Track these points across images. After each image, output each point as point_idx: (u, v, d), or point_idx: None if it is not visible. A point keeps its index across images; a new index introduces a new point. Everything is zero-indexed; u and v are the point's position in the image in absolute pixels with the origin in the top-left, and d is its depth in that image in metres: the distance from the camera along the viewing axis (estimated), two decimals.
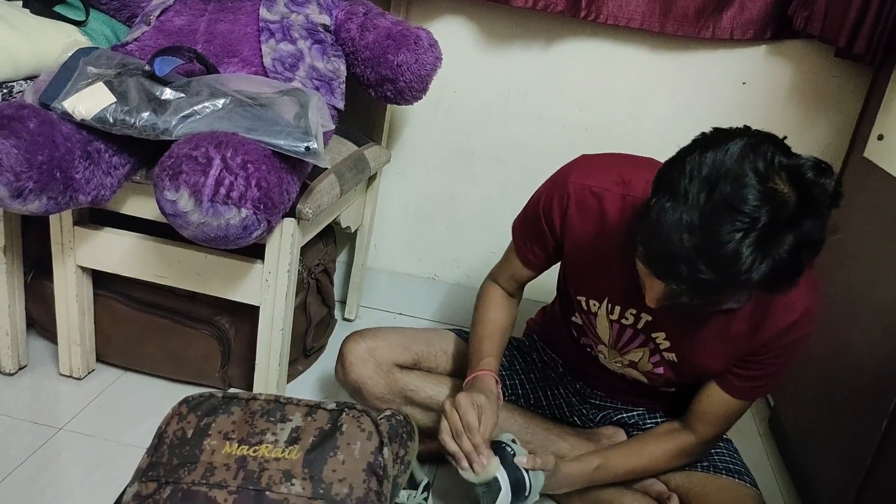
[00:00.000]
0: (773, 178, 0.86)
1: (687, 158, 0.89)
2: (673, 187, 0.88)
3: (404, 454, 1.00)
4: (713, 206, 0.85)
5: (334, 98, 1.45)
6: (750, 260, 0.84)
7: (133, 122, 1.18)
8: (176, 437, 0.93)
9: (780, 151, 0.88)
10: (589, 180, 1.18)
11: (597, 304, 1.24)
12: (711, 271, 0.86)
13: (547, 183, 1.25)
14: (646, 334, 1.22)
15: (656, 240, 0.89)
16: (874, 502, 1.18)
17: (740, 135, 0.90)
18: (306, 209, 1.31)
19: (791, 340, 1.13)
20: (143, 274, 1.41)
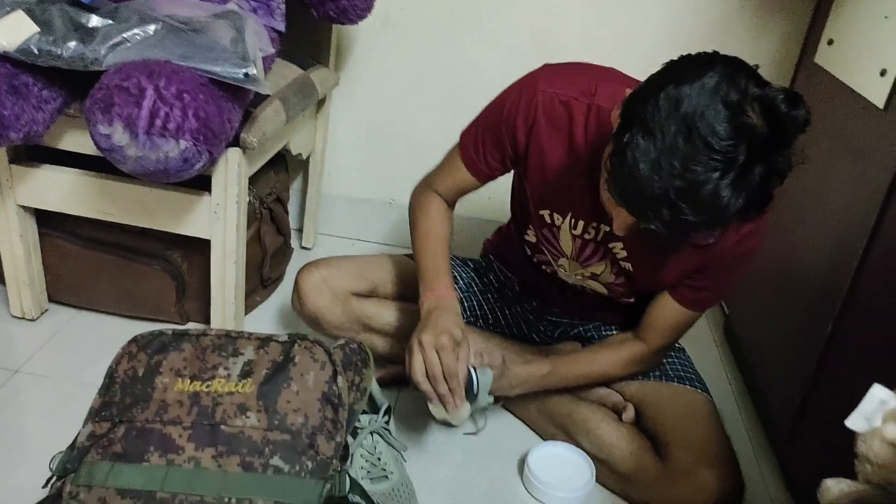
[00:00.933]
0: (747, 111, 0.85)
1: (660, 93, 0.87)
2: (647, 125, 0.86)
3: (360, 381, 1.00)
4: (690, 146, 0.84)
5: (274, 20, 1.39)
6: (728, 198, 0.85)
7: (60, 53, 1.13)
8: (127, 376, 0.92)
9: (752, 83, 0.87)
10: (557, 89, 1.14)
11: (560, 218, 1.23)
12: (692, 213, 0.86)
13: (511, 91, 1.20)
14: (604, 245, 1.22)
15: (633, 182, 0.88)
16: (819, 403, 1.23)
17: (711, 65, 0.87)
18: (251, 138, 1.27)
19: (742, 252, 1.14)
20: (87, 211, 1.37)
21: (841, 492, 0.64)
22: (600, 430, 1.27)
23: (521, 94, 1.17)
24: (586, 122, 1.13)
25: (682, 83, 0.86)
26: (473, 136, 1.26)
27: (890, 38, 1.16)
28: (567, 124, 1.14)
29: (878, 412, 0.64)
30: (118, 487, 0.83)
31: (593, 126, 1.12)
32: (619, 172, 0.90)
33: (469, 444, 1.34)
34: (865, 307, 1.14)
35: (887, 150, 1.11)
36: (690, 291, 1.21)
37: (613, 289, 1.30)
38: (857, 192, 1.21)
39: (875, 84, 1.18)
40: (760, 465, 1.39)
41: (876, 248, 1.12)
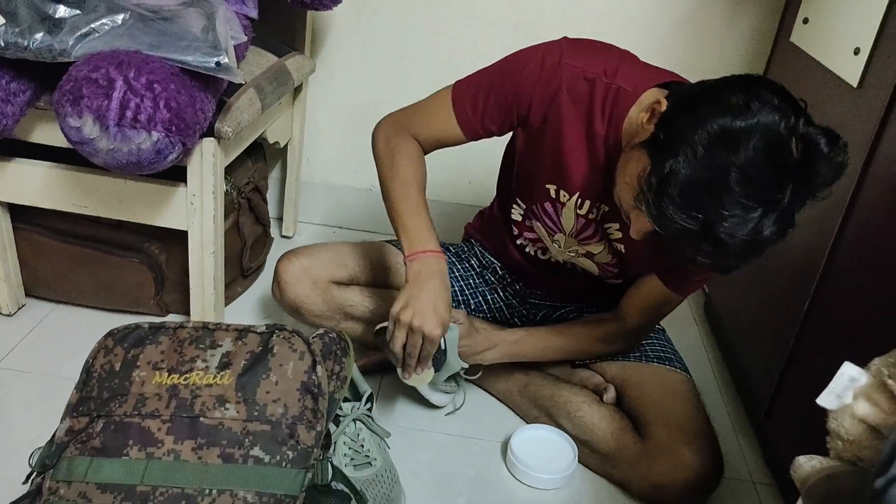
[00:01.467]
0: (793, 152, 0.86)
1: (708, 118, 0.88)
2: (690, 158, 0.87)
3: (340, 370, 1.00)
4: (735, 189, 0.86)
5: (246, 6, 1.38)
6: (766, 237, 0.88)
7: (27, 45, 1.11)
8: (104, 371, 0.91)
9: (801, 121, 0.88)
10: (582, 63, 1.11)
11: (567, 195, 1.21)
12: (732, 253, 0.89)
13: (530, 59, 1.14)
14: (601, 225, 1.23)
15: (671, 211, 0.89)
16: (796, 380, 1.24)
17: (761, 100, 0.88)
18: (225, 127, 1.26)
19: None
20: (61, 204, 1.35)
21: (813, 468, 0.65)
22: (582, 411, 1.28)
23: (544, 65, 1.12)
24: (604, 103, 1.11)
25: (728, 114, 0.87)
26: (474, 93, 1.19)
27: (864, 16, 1.17)
28: (588, 102, 1.12)
29: (848, 390, 0.65)
30: (98, 482, 0.83)
31: (611, 107, 1.11)
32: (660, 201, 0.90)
33: (452, 428, 1.35)
34: (840, 285, 1.15)
35: (861, 128, 1.12)
36: (679, 276, 1.22)
37: (605, 269, 1.30)
38: None
39: (849, 63, 1.19)
40: (740, 441, 1.40)
41: (850, 227, 1.13)
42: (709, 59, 1.71)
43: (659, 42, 1.70)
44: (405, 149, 1.23)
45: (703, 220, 0.87)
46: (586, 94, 1.11)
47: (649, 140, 0.95)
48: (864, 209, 1.11)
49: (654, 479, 1.18)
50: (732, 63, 1.71)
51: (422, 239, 1.16)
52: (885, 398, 0.63)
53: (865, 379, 0.64)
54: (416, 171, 1.21)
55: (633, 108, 1.08)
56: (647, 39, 1.70)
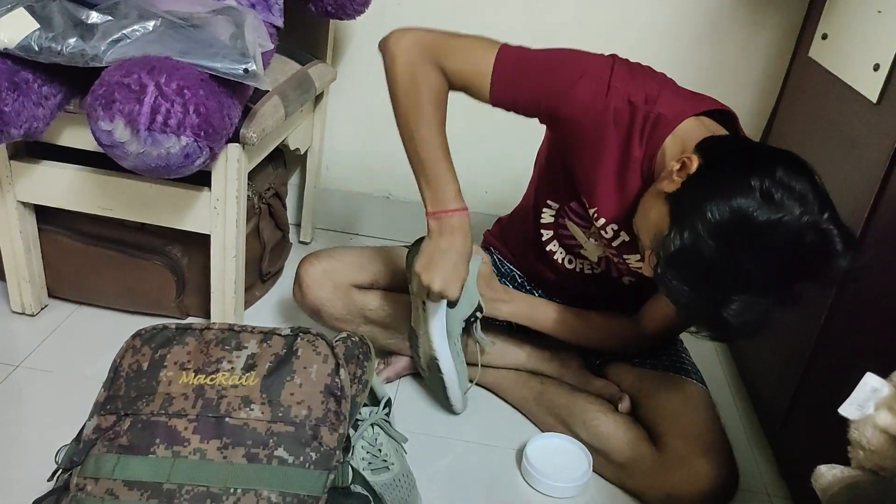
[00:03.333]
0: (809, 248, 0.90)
1: (732, 201, 0.89)
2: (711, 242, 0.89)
3: (361, 374, 1.01)
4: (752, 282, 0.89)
5: (272, 15, 1.40)
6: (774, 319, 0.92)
7: (60, 49, 1.13)
8: (131, 370, 0.93)
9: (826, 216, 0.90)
10: (627, 87, 1.08)
11: (594, 210, 1.21)
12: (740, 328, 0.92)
13: (585, 71, 1.10)
14: (618, 253, 1.24)
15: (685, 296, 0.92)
16: (812, 391, 1.24)
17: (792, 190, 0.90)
18: (250, 133, 1.28)
19: None
20: (87, 207, 1.38)
21: (834, 477, 0.66)
22: (597, 420, 1.28)
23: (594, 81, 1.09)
24: (643, 128, 1.09)
25: (753, 201, 0.89)
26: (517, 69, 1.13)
27: (883, 32, 1.18)
28: (628, 126, 1.10)
29: (870, 400, 0.65)
30: (125, 479, 0.85)
31: (650, 132, 1.09)
32: (666, 272, 0.93)
33: (468, 435, 1.36)
34: (858, 297, 1.15)
35: (880, 143, 1.13)
36: None
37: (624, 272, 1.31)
38: (850, 184, 1.22)
39: (868, 78, 1.19)
40: (754, 453, 1.40)
41: (869, 239, 1.14)
42: (727, 73, 1.72)
43: (677, 56, 1.71)
44: (434, 85, 1.15)
45: (709, 300, 0.89)
46: (627, 118, 1.10)
47: (672, 197, 0.97)
48: (882, 223, 1.11)
49: (670, 489, 1.18)
50: (751, 78, 1.72)
51: (445, 196, 1.16)
52: None
53: (888, 390, 0.65)
54: (440, 112, 1.16)
55: (670, 138, 1.08)
56: (666, 53, 1.71)
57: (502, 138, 1.82)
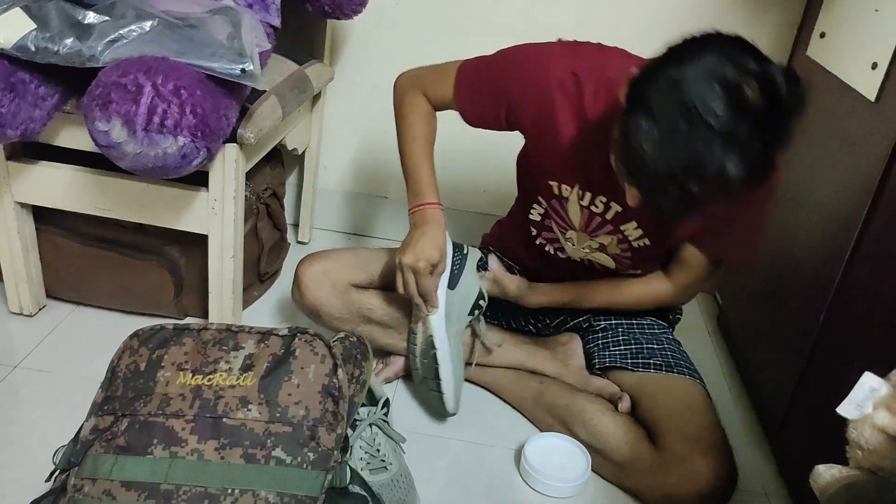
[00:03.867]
0: (745, 89, 0.88)
1: (661, 74, 0.91)
2: (649, 107, 0.91)
3: (359, 374, 1.01)
4: (692, 127, 0.88)
5: (269, 15, 1.40)
6: (732, 172, 0.89)
7: (56, 50, 1.13)
8: (129, 371, 0.93)
9: (751, 60, 0.90)
10: (570, 60, 1.17)
11: (568, 189, 1.26)
12: (698, 187, 0.90)
13: (524, 59, 1.20)
14: (614, 226, 1.26)
15: (639, 163, 0.92)
16: (811, 391, 1.24)
17: (710, 44, 0.91)
18: (248, 133, 1.28)
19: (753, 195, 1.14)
20: (84, 207, 1.37)
21: (832, 477, 0.66)
22: (596, 419, 1.28)
23: (533, 65, 1.19)
24: (596, 94, 1.15)
25: (682, 64, 0.90)
26: (471, 82, 1.27)
27: (881, 31, 1.18)
28: (577, 96, 1.16)
29: (868, 400, 0.65)
30: (123, 480, 0.84)
31: (602, 98, 1.15)
32: (626, 154, 0.94)
33: (467, 435, 1.36)
34: (857, 297, 1.15)
35: (879, 142, 1.13)
36: (708, 237, 1.24)
37: (621, 260, 1.33)
38: (848, 183, 1.22)
39: (866, 77, 1.19)
40: (753, 453, 1.40)
41: (867, 239, 1.14)
42: None
43: None
44: (416, 107, 1.33)
45: (667, 166, 0.90)
46: (573, 88, 1.17)
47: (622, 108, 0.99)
48: (880, 221, 1.11)
49: (668, 489, 1.18)
50: None
51: (421, 193, 1.29)
52: None
53: (886, 389, 0.65)
54: (423, 128, 1.32)
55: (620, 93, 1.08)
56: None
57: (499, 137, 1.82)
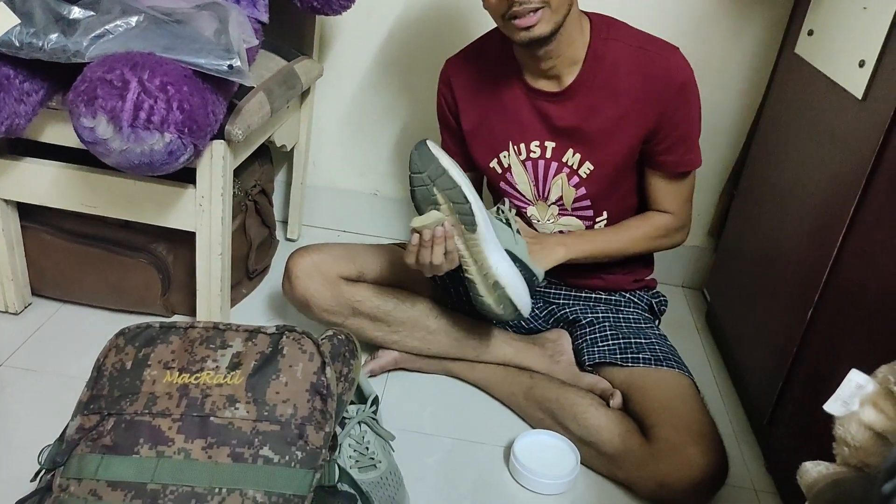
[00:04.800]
0: None
1: None
2: None
3: (348, 372, 1.01)
4: None
5: (257, 10, 1.39)
6: None
7: (41, 45, 1.12)
8: (115, 370, 0.92)
9: None
10: (449, 59, 1.40)
11: (506, 153, 1.35)
12: None
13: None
14: (557, 160, 1.33)
15: None
16: (798, 388, 1.25)
17: None
18: (236, 130, 1.27)
19: (677, 88, 1.25)
20: (70, 204, 1.36)
21: (819, 474, 0.66)
22: (588, 413, 1.28)
23: (439, 78, 1.40)
24: (490, 48, 1.33)
25: None
26: (442, 143, 1.44)
27: (868, 29, 1.18)
28: (469, 70, 1.35)
29: (855, 396, 0.66)
30: (109, 479, 0.84)
31: (498, 47, 1.31)
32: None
33: (456, 432, 1.36)
34: (844, 294, 1.16)
35: (866, 139, 1.13)
36: (664, 155, 1.31)
37: (580, 204, 1.36)
38: (836, 180, 1.22)
39: (854, 75, 1.20)
40: (741, 448, 1.41)
41: (854, 236, 1.14)
42: (714, 69, 1.72)
43: None
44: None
45: None
46: (458, 76, 1.36)
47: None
48: (867, 219, 1.12)
49: (661, 478, 1.19)
50: (738, 74, 1.72)
51: None
52: (892, 405, 0.64)
53: (872, 386, 0.65)
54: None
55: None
56: None
57: None
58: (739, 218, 1.67)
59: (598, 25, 1.28)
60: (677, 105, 1.26)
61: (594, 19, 1.29)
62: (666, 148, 1.30)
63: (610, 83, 1.26)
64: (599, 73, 1.26)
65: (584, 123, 1.29)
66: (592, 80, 1.26)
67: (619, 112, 1.27)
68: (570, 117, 1.29)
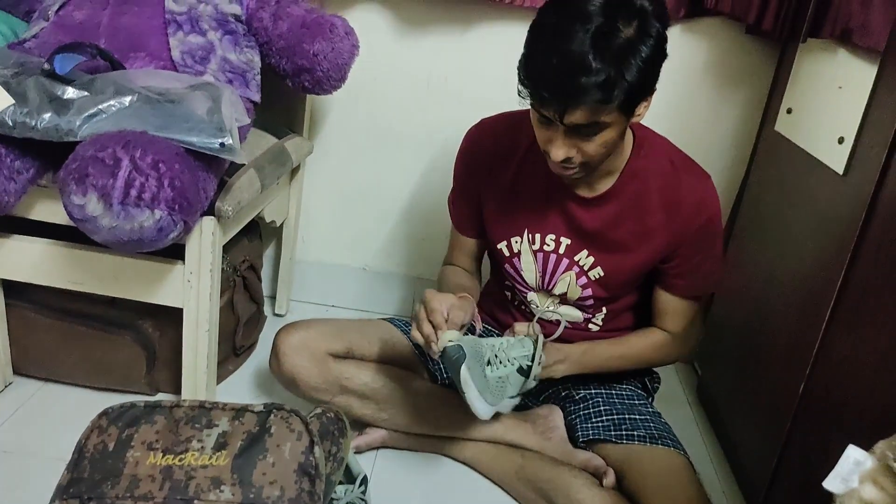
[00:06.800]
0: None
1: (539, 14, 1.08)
2: (530, 33, 1.08)
3: (336, 451, 0.99)
4: (562, 22, 1.03)
5: (249, 90, 1.42)
6: (593, 47, 1.01)
7: (34, 125, 1.13)
8: (97, 451, 0.90)
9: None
10: (481, 125, 1.37)
11: (518, 239, 1.34)
12: (563, 60, 1.02)
13: (463, 140, 1.39)
14: (569, 258, 1.31)
15: (527, 66, 1.07)
16: (794, 462, 1.23)
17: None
18: (226, 206, 1.27)
19: (703, 223, 1.27)
20: (57, 281, 1.35)
21: None
22: (581, 493, 1.25)
23: (461, 145, 1.38)
24: (519, 137, 1.30)
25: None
26: (451, 200, 1.43)
27: (845, 107, 1.22)
28: (503, 146, 1.32)
29: (854, 473, 0.65)
30: None
31: (529, 138, 1.25)
32: (522, 64, 1.09)
33: None
34: (835, 366, 1.15)
35: (849, 213, 1.15)
36: (676, 278, 1.31)
37: (584, 303, 1.36)
38: (821, 254, 1.24)
39: (834, 151, 1.23)
40: None
41: (842, 309, 1.15)
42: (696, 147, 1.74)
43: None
44: (443, 275, 1.46)
45: (544, 51, 1.04)
46: (490, 142, 1.34)
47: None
48: (855, 292, 1.13)
49: None
50: (718, 150, 1.76)
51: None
52: (891, 482, 0.63)
53: (871, 462, 0.64)
54: (453, 279, 1.41)
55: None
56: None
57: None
58: (727, 291, 1.68)
59: (640, 141, 1.28)
60: (698, 238, 1.27)
61: (637, 134, 1.28)
62: (679, 273, 1.31)
63: (640, 200, 1.26)
64: (632, 187, 1.26)
65: (607, 230, 1.28)
66: (624, 192, 1.26)
67: (642, 229, 1.27)
68: (593, 221, 1.28)
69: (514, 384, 1.23)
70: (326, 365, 1.36)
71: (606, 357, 1.37)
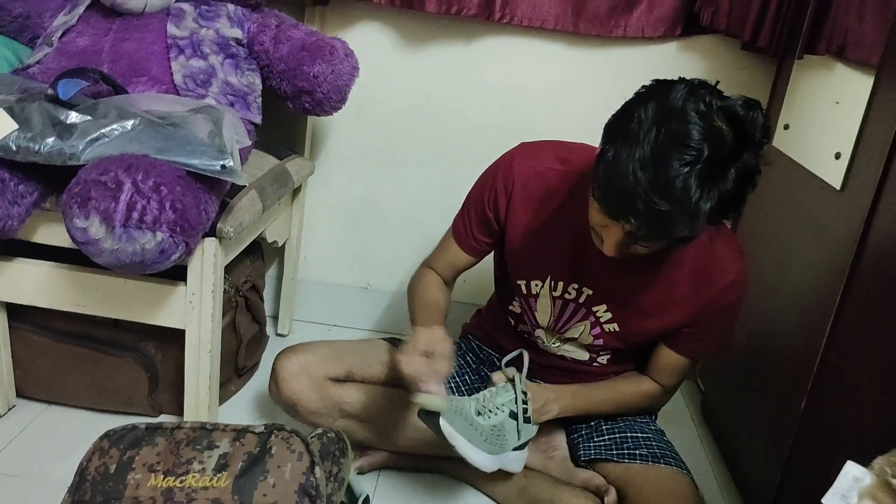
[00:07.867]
0: (713, 116, 0.95)
1: (634, 107, 0.98)
2: (623, 132, 0.97)
3: (338, 471, 0.99)
4: (662, 143, 0.94)
5: (250, 112, 1.43)
6: (698, 189, 0.93)
7: (38, 149, 1.14)
8: (98, 473, 0.90)
9: (715, 94, 0.98)
10: (532, 161, 1.26)
11: (539, 283, 1.30)
12: (666, 202, 0.93)
13: (490, 170, 1.31)
14: (587, 308, 1.29)
15: (612, 178, 0.96)
16: (798, 479, 1.23)
17: (679, 83, 0.98)
18: (227, 228, 1.28)
19: (730, 301, 1.24)
20: (60, 304, 1.36)
21: None
22: None
23: (499, 170, 1.29)
24: (563, 186, 1.23)
25: (653, 97, 0.97)
26: (461, 214, 1.37)
27: (842, 122, 1.22)
28: (544, 192, 1.25)
29: (853, 489, 0.64)
30: None
31: (571, 188, 1.22)
32: (601, 175, 0.99)
33: None
34: (836, 381, 1.15)
35: (847, 228, 1.16)
36: (688, 342, 1.29)
37: (593, 349, 1.35)
38: (820, 269, 1.24)
39: (831, 166, 1.23)
40: None
41: (841, 324, 1.15)
42: None
43: None
44: (422, 278, 1.40)
45: (634, 178, 0.94)
46: (538, 186, 1.25)
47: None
48: (854, 307, 1.13)
49: None
50: None
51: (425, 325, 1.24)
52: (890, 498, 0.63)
53: (869, 478, 0.64)
54: (426, 293, 1.36)
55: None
56: None
57: None
58: None
59: None
60: (719, 316, 1.25)
61: None
62: (692, 339, 1.29)
63: (671, 270, 1.22)
64: (665, 256, 1.21)
65: (632, 293, 1.25)
66: (657, 259, 1.21)
67: (668, 299, 1.24)
68: (621, 282, 1.24)
69: (511, 431, 1.21)
70: (326, 389, 1.35)
71: (598, 400, 1.36)
